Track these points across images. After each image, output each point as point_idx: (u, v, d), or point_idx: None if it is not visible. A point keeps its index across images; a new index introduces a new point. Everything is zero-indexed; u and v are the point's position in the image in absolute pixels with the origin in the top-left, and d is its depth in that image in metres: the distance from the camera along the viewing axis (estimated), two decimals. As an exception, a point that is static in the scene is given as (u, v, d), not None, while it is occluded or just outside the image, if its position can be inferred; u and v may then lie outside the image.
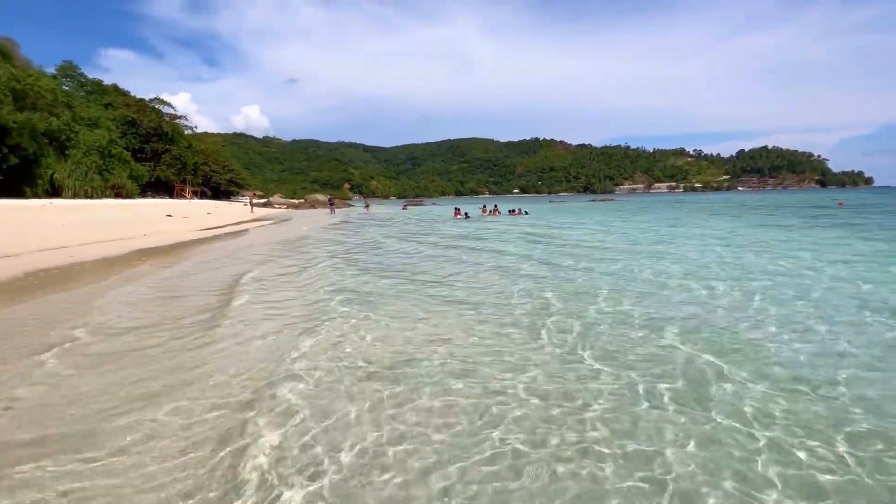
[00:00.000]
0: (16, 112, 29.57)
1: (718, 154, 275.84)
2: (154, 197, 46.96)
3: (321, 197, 70.37)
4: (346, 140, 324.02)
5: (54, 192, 33.62)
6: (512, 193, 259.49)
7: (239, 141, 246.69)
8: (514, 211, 31.49)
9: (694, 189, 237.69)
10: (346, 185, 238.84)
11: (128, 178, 42.87)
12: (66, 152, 36.19)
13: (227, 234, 17.95)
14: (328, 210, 48.53)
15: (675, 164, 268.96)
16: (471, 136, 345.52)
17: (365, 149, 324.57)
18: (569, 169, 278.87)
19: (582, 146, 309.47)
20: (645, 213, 33.39)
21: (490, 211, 31.48)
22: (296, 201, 74.78)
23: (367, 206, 58.01)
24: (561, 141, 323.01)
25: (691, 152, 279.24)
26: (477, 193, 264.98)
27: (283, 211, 52.95)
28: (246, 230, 20.55)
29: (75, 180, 35.66)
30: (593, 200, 75.82)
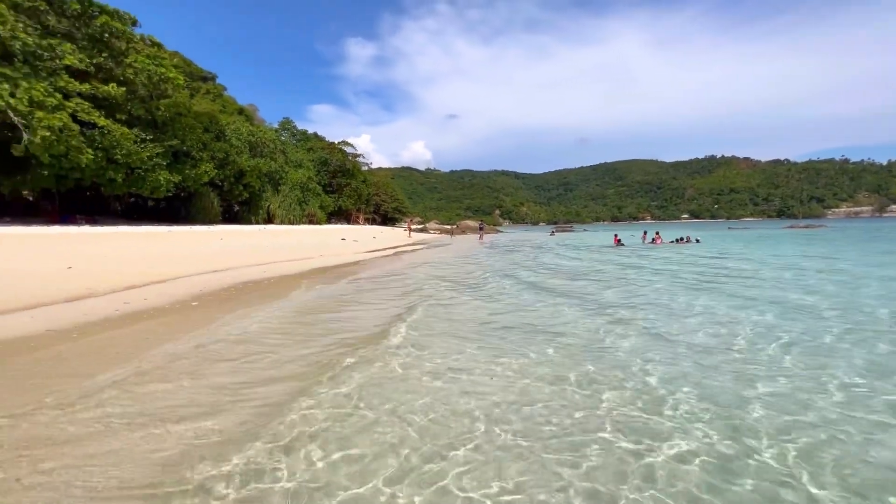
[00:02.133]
0: (250, 158, 38.74)
1: None
2: (336, 223, 55.70)
3: (472, 223, 73.52)
4: (499, 168, 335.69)
5: (269, 219, 42.68)
6: (680, 219, 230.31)
7: (404, 174, 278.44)
8: (682, 239, 27.43)
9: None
10: (497, 212, 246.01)
11: (318, 207, 51.98)
12: (279, 188, 45.75)
13: (383, 257, 19.81)
14: (477, 236, 50.30)
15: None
16: (630, 158, 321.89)
17: (516, 176, 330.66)
18: (756, 190, 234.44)
19: (775, 162, 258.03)
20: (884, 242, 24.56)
21: (652, 239, 28.10)
22: (449, 227, 79.76)
23: (480, 236, 48.93)
24: (745, 158, 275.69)
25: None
26: (636, 219, 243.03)
27: (437, 236, 56.89)
28: (404, 251, 22.45)
29: (283, 210, 44.84)
30: (791, 227, 61.21)
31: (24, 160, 20.00)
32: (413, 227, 59.09)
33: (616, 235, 29.05)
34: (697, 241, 26.80)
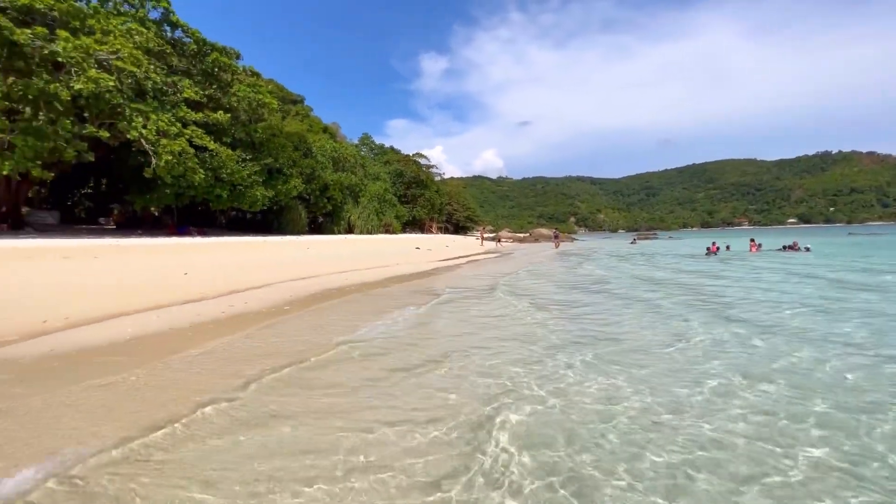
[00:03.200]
0: (333, 173, 41.54)
1: None
2: (410, 232, 57.55)
3: (545, 231, 71.75)
4: (573, 174, 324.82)
5: (349, 229, 45.29)
6: (785, 224, 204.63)
7: (477, 182, 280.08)
8: (789, 246, 24.29)
9: None
10: (572, 219, 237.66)
11: (394, 217, 54.11)
12: (358, 199, 48.43)
13: (459, 265, 20.00)
14: (552, 243, 48.95)
15: None
16: (723, 158, 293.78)
17: (592, 181, 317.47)
18: (886, 189, 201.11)
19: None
20: None
21: (757, 246, 25.27)
22: (521, 235, 78.59)
23: (556, 244, 45.77)
24: (869, 152, 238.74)
25: None
26: (731, 224, 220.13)
27: (509, 245, 56.29)
28: (477, 259, 22.51)
29: (362, 220, 47.35)
30: (938, 231, 51.11)
31: (151, 181, 23.32)
32: (485, 235, 59.11)
33: (714, 243, 25.86)
34: (807, 249, 23.51)
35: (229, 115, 27.32)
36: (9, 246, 12.87)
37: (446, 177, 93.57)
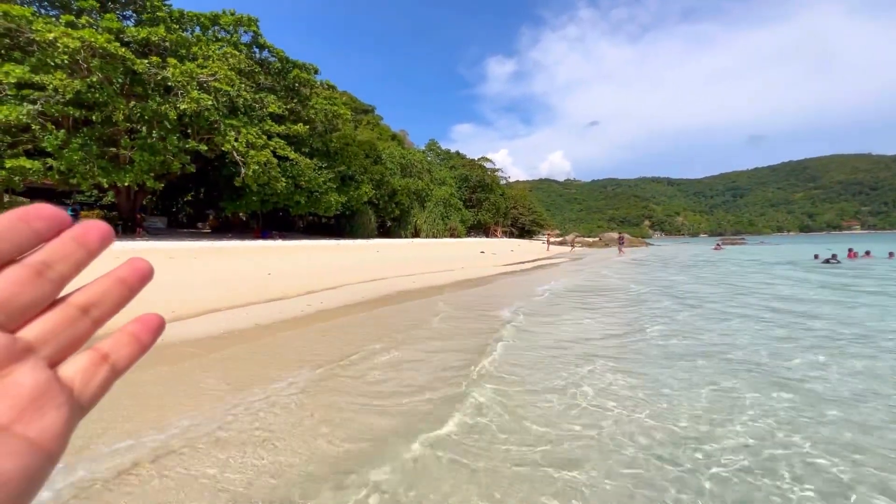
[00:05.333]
0: (401, 179, 42.91)
1: None
2: (475, 236, 57.67)
3: (615, 235, 68.28)
4: (648, 175, 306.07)
5: (416, 233, 46.44)
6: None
7: (543, 186, 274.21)
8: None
9: None
10: (647, 223, 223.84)
11: (459, 221, 54.60)
12: (425, 204, 49.53)
13: (521, 270, 19.65)
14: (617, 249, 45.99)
15: None
16: (827, 154, 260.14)
17: (669, 182, 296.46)
18: None
19: None
20: None
21: (850, 254, 22.07)
22: (590, 240, 75.48)
23: (620, 249, 41.17)
24: None
25: None
26: (838, 229, 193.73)
27: (577, 249, 54.31)
28: (542, 265, 21.99)
29: (428, 224, 48.37)
30: None
31: (241, 189, 25.71)
32: (552, 239, 57.55)
33: (851, 249, 23.31)
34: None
35: (308, 126, 29.34)
36: (128, 248, 14.85)
37: (511, 180, 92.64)
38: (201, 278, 9.97)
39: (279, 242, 24.29)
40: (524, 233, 77.87)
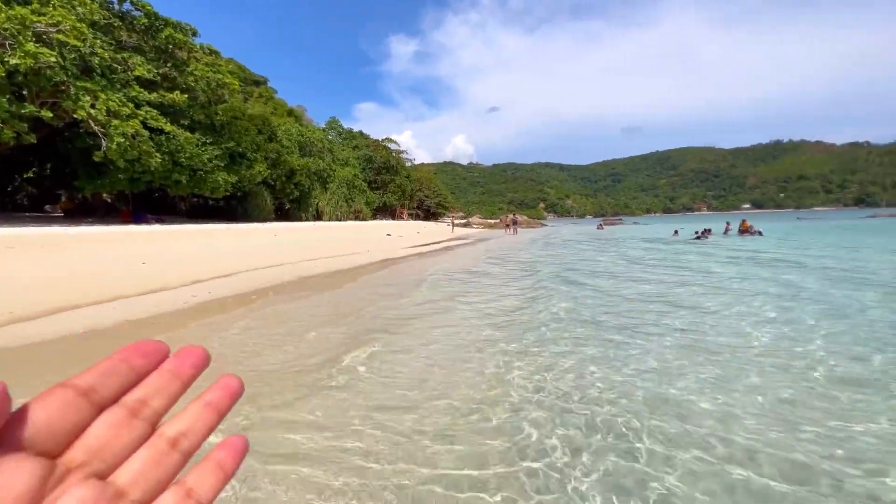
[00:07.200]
0: (300, 158, 40.32)
1: None
2: (381, 219, 56.90)
3: (519, 216, 72.69)
4: (543, 160, 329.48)
5: (318, 216, 44.31)
6: (740, 209, 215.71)
7: (447, 168, 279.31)
8: (746, 230, 25.50)
9: None
10: (541, 205, 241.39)
11: (364, 203, 53.28)
12: (327, 185, 47.32)
13: (432, 251, 19.97)
14: (511, 230, 44.28)
15: None
16: (684, 146, 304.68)
17: (561, 167, 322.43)
18: (829, 176, 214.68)
19: (853, 146, 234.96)
20: None
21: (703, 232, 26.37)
22: (492, 221, 79.23)
23: (514, 230, 41.76)
24: (817, 142, 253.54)
25: None
26: (690, 210, 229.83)
27: (479, 231, 56.70)
28: (450, 247, 22.55)
29: (331, 207, 46.40)
30: (875, 216, 55.08)
31: (103, 165, 21.92)
32: (456, 221, 59.22)
33: (707, 229, 26.67)
34: (760, 233, 24.87)
35: (186, 95, 25.88)
36: (-59, 235, 11.84)
37: (417, 162, 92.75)
38: (55, 272, 8.39)
39: (156, 227, 21.36)
40: (430, 215, 78.90)
